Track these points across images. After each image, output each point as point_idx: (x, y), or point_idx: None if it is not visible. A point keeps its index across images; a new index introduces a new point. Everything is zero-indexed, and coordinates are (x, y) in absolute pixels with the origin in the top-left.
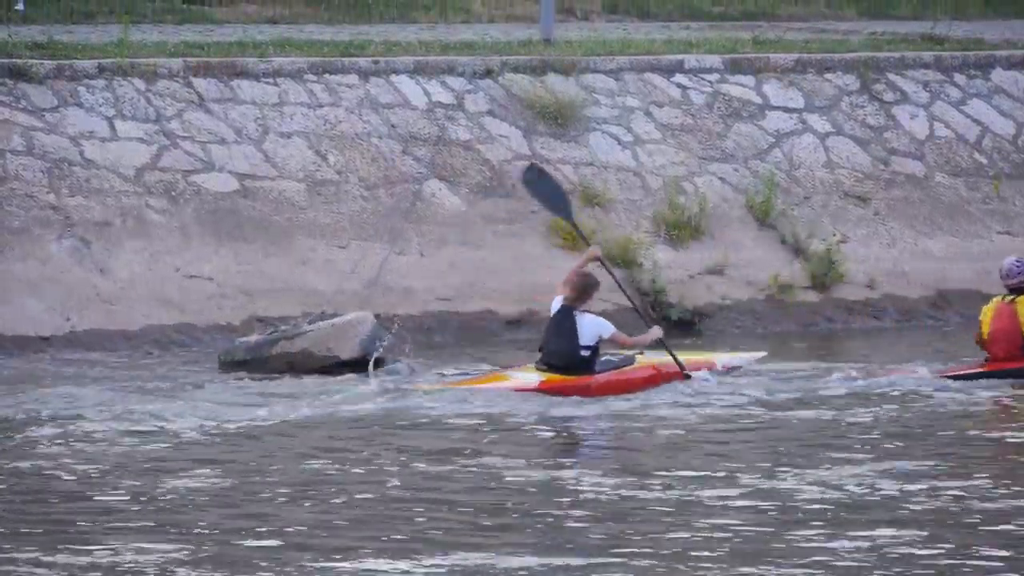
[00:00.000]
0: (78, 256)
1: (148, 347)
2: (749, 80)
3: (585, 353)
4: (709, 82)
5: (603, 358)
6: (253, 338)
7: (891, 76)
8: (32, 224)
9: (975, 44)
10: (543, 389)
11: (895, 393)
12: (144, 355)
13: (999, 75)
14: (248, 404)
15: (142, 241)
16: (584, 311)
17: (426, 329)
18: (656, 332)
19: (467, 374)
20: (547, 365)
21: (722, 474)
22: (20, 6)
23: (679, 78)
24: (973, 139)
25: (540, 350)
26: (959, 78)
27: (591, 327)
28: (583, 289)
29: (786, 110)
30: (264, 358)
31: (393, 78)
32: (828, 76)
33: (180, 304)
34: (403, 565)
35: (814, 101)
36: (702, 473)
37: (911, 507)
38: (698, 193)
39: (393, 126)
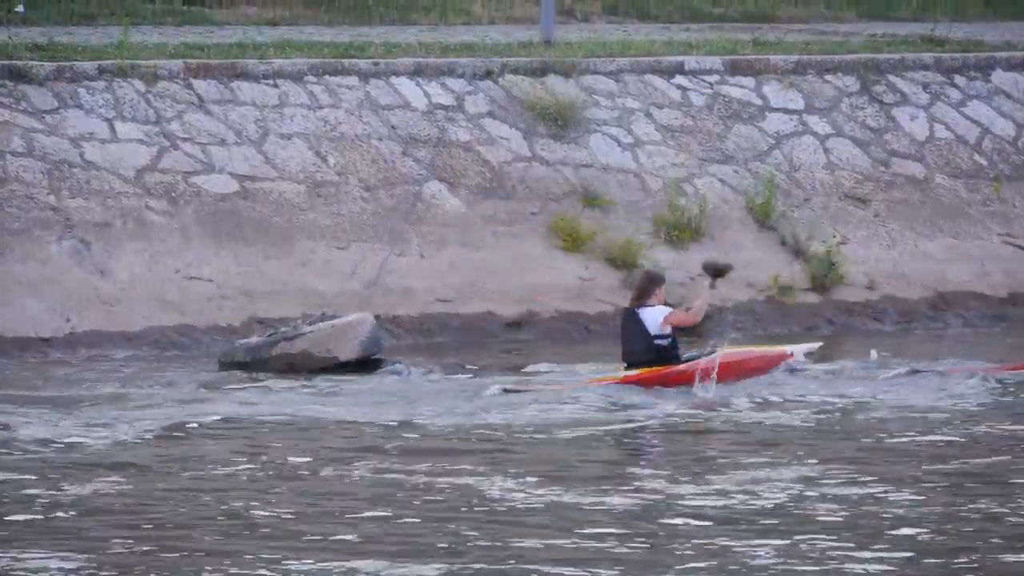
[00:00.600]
0: (78, 257)
1: (148, 348)
2: (749, 82)
3: (661, 342)
4: (709, 83)
5: (686, 355)
6: (253, 339)
7: (891, 78)
8: (32, 225)
9: (975, 46)
10: (643, 380)
11: (950, 390)
12: (144, 356)
13: (999, 76)
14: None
15: (142, 242)
16: (647, 306)
17: (426, 330)
18: (705, 296)
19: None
20: (632, 365)
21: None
22: (20, 8)
23: (679, 79)
24: (973, 141)
25: (623, 360)
26: (959, 80)
27: (653, 316)
28: (643, 287)
29: (786, 112)
30: (264, 359)
31: (393, 80)
32: (828, 78)
33: (180, 305)
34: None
35: (814, 103)
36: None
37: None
38: (698, 194)
39: (393, 127)
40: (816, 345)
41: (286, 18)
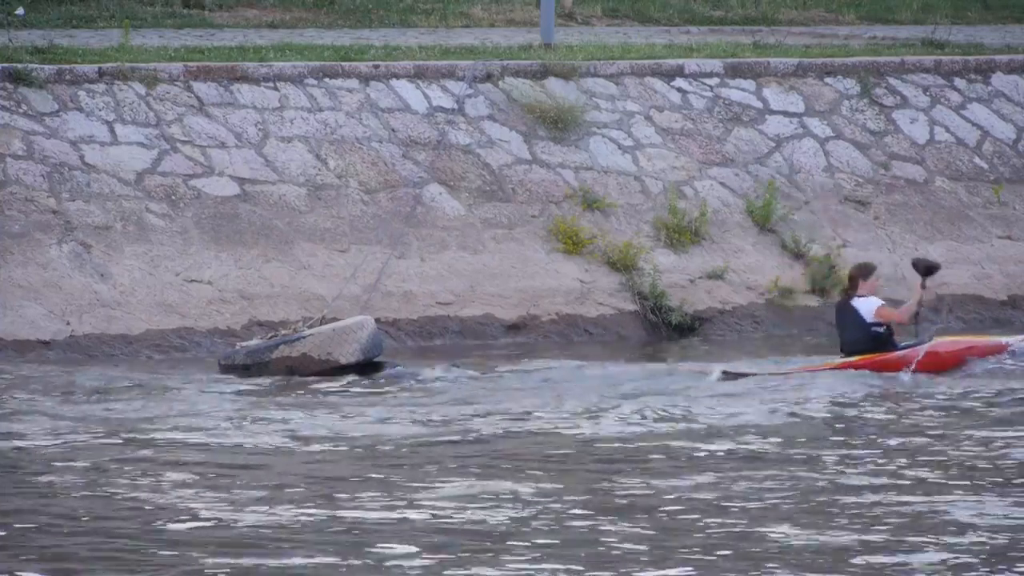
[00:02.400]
0: (78, 261)
1: (148, 352)
2: (749, 85)
3: (878, 330)
4: (709, 86)
5: (902, 343)
6: (253, 342)
7: (891, 80)
8: (32, 228)
9: (975, 49)
10: (865, 366)
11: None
12: (144, 359)
13: (999, 79)
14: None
15: (142, 245)
16: (861, 296)
17: (426, 334)
18: (916, 296)
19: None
20: (850, 354)
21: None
22: (20, 11)
23: (679, 82)
24: (973, 143)
25: (841, 350)
26: (959, 83)
27: (866, 305)
28: (853, 278)
29: (786, 114)
30: (264, 363)
31: (393, 82)
32: (828, 81)
33: (180, 308)
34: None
35: (814, 105)
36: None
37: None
38: (698, 198)
39: (393, 130)
40: None
41: (286, 21)
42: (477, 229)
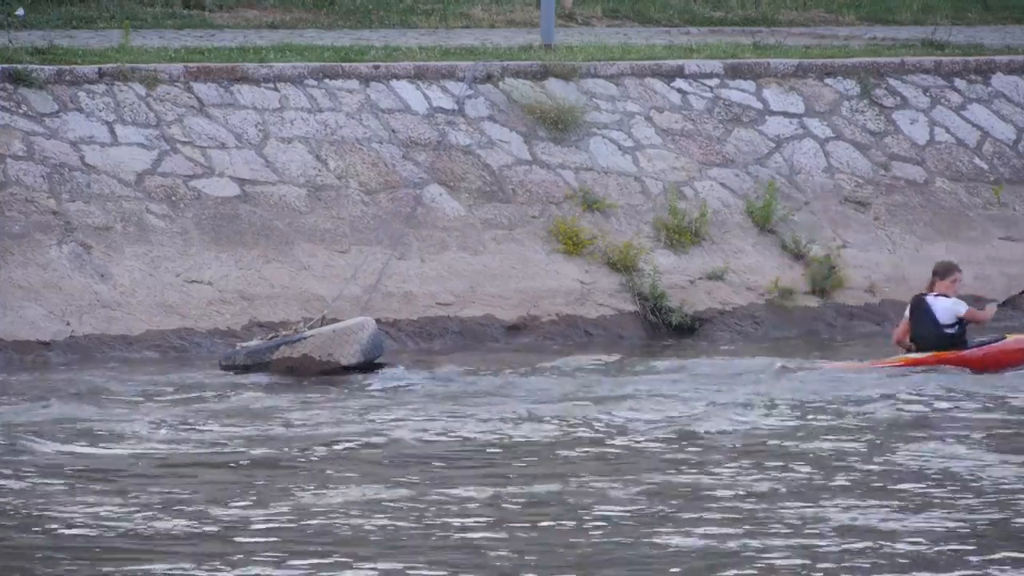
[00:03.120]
0: (78, 261)
1: (149, 352)
2: (749, 85)
3: (950, 331)
4: (709, 87)
5: (973, 340)
6: (254, 343)
7: (891, 81)
8: (32, 229)
9: (975, 49)
10: (940, 361)
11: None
12: (145, 360)
13: (999, 80)
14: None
15: (143, 246)
16: (939, 295)
17: (426, 334)
18: (992, 308)
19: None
20: (922, 350)
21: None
22: (20, 11)
23: (679, 83)
24: (973, 144)
25: (911, 341)
26: (959, 83)
27: (945, 308)
28: (932, 275)
29: (786, 115)
30: (265, 363)
31: (393, 83)
32: (828, 81)
33: (181, 309)
34: None
35: (814, 106)
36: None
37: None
38: (698, 198)
39: (393, 131)
40: None
41: (286, 22)
42: (477, 230)
